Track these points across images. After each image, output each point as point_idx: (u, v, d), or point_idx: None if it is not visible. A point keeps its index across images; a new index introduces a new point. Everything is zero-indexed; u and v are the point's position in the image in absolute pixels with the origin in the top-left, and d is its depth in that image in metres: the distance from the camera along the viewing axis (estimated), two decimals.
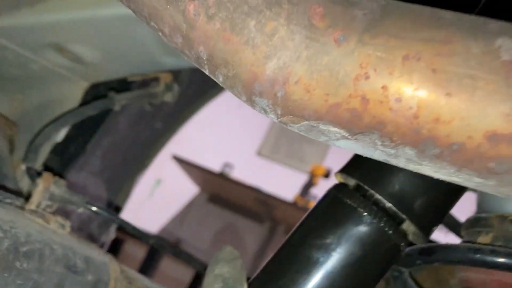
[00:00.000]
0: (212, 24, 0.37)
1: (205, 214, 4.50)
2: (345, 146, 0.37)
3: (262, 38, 0.36)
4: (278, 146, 4.73)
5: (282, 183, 4.20)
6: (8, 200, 0.70)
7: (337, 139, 0.37)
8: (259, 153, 4.77)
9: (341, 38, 0.34)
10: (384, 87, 0.33)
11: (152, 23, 0.42)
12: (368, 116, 0.34)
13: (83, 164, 1.16)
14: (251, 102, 0.39)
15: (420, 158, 0.34)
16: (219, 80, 0.40)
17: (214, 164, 4.22)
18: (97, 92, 1.05)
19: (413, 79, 0.32)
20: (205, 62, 0.40)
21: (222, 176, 4.07)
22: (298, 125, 0.37)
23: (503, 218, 0.59)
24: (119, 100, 0.98)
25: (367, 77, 0.33)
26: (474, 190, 0.72)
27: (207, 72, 0.41)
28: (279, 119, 0.38)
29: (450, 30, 0.33)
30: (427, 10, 0.35)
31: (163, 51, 0.95)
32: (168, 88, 1.07)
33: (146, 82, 1.05)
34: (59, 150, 1.10)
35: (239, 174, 4.20)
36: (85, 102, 1.03)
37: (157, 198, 4.42)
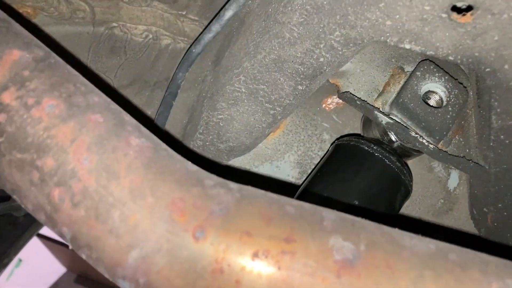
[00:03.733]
0: (77, 211, 0.39)
1: None
2: None
3: (125, 228, 0.38)
4: None
5: None
6: None
7: None
8: None
9: (198, 235, 0.37)
10: (237, 281, 0.37)
11: (15, 197, 0.42)
12: None
13: None
14: (115, 281, 0.40)
15: None
16: (83, 257, 0.41)
17: None
18: None
19: (262, 274, 0.37)
20: (69, 240, 0.41)
21: None
22: None
23: None
24: None
25: (222, 272, 0.37)
26: None
27: (70, 247, 0.42)
28: None
29: (293, 227, 0.38)
30: (275, 203, 0.40)
31: None
32: None
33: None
34: None
35: None
36: None
37: (17, 279, 4.00)
